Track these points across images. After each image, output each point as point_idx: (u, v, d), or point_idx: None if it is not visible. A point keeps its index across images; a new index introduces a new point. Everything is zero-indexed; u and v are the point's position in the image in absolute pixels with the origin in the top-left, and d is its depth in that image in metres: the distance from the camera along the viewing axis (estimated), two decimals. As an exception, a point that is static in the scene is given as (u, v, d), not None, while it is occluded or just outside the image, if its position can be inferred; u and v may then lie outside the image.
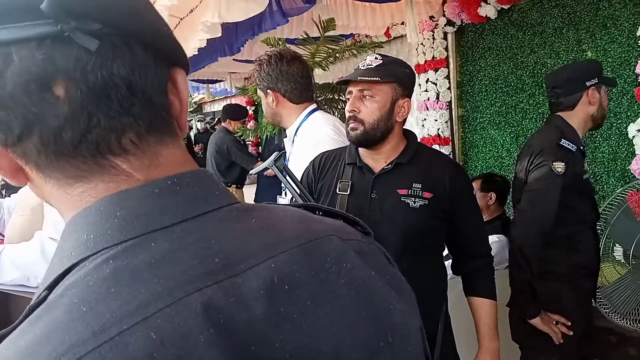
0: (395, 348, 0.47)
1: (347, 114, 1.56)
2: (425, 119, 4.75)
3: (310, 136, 2.01)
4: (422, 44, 4.59)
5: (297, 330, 0.41)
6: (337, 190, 1.59)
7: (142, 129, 0.44)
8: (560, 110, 2.00)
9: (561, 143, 1.90)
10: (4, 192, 3.42)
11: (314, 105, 2.13)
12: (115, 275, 0.38)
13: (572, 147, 1.90)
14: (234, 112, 5.15)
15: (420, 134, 4.77)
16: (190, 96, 10.64)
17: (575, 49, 3.49)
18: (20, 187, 1.87)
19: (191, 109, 15.52)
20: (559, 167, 1.86)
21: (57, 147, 0.41)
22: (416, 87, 4.57)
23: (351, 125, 1.54)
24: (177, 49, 0.48)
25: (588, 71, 1.98)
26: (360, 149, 1.61)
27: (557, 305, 1.96)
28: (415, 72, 4.30)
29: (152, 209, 0.42)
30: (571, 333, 1.91)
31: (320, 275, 0.45)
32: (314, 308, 0.43)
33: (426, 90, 4.67)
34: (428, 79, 4.63)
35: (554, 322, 1.92)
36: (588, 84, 1.95)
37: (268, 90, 2.02)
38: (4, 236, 1.71)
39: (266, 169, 1.52)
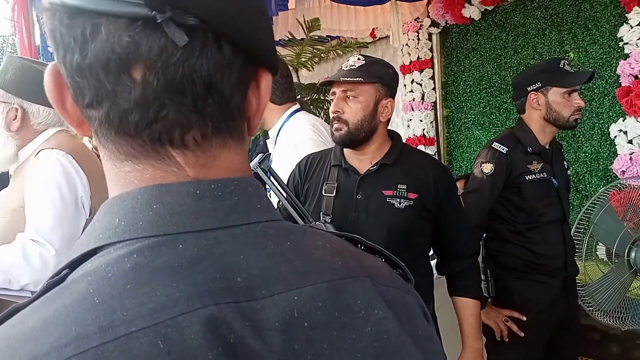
0: None
1: (331, 115, 1.56)
2: (410, 120, 4.76)
3: (292, 137, 2.01)
4: (407, 44, 4.61)
5: None
6: (323, 192, 1.59)
7: (209, 129, 0.43)
8: (520, 113, 2.10)
9: (492, 145, 2.02)
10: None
11: (297, 106, 2.13)
12: (136, 271, 0.37)
13: (503, 149, 1.99)
14: None
15: (405, 134, 4.78)
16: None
17: (557, 50, 3.53)
18: (1, 189, 1.84)
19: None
20: (486, 168, 1.98)
21: (119, 126, 0.41)
22: (401, 87, 4.59)
23: (335, 125, 1.54)
24: (270, 52, 0.47)
25: (532, 75, 2.04)
26: (345, 150, 1.61)
27: (509, 301, 2.02)
28: (399, 72, 4.35)
29: (188, 210, 0.40)
30: (522, 334, 1.95)
31: (345, 318, 0.41)
32: (330, 352, 0.40)
33: (411, 91, 4.68)
34: (413, 79, 4.64)
35: (504, 318, 1.97)
36: (529, 89, 2.01)
37: None
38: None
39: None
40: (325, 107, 3.63)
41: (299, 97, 3.20)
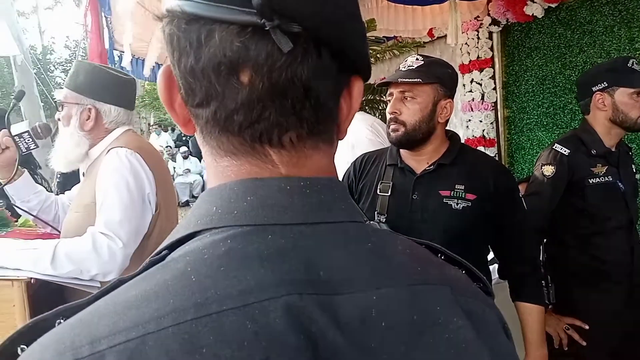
0: None
1: (388, 116, 1.55)
2: (469, 120, 4.66)
3: (348, 137, 2.01)
4: (466, 43, 4.51)
5: None
6: (378, 191, 1.59)
7: (305, 131, 0.45)
8: (585, 114, 2.02)
9: (554, 147, 1.96)
10: (57, 190, 3.57)
11: None
12: (229, 255, 0.40)
13: (565, 151, 1.92)
14: None
15: (464, 135, 4.69)
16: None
17: (627, 48, 3.35)
18: (74, 185, 1.96)
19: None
20: (547, 170, 1.93)
21: (224, 125, 0.44)
22: (460, 87, 4.50)
23: (392, 126, 1.53)
24: (363, 58, 0.49)
25: (597, 75, 1.95)
26: (401, 150, 1.60)
27: (570, 309, 1.95)
28: (458, 72, 4.26)
29: (279, 204, 0.43)
30: (584, 343, 1.87)
31: (424, 323, 0.42)
32: (406, 355, 0.41)
33: (470, 91, 4.58)
34: (472, 79, 4.54)
35: (565, 326, 1.90)
36: (594, 89, 1.93)
37: None
38: (59, 232, 1.79)
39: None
40: (380, 108, 3.62)
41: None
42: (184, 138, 14.30)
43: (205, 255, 0.41)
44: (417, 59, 1.53)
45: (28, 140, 1.76)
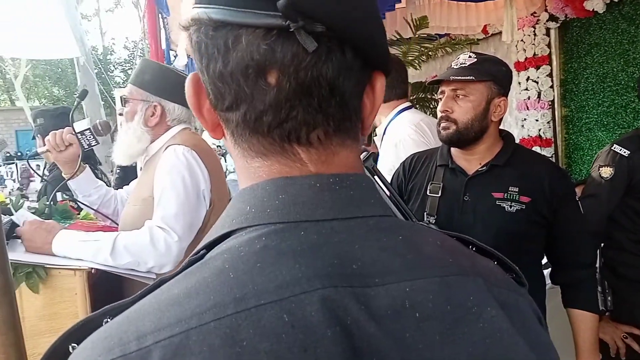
0: None
1: (440, 114, 1.53)
2: (525, 119, 4.52)
3: (393, 136, 2.01)
4: (522, 40, 4.38)
5: None
6: (428, 192, 1.57)
7: (331, 129, 0.47)
8: None
9: (613, 147, 1.87)
10: (116, 184, 3.73)
11: (406, 104, 2.12)
12: (264, 252, 0.42)
13: (625, 152, 1.83)
14: None
15: (519, 134, 4.55)
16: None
17: (698, 42, 3.16)
18: (133, 180, 2.04)
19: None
20: (605, 172, 1.85)
21: (254, 126, 0.46)
22: (515, 85, 4.37)
23: (443, 124, 1.51)
24: (384, 55, 0.50)
25: None
26: (452, 150, 1.58)
27: (628, 316, 1.87)
28: (513, 69, 4.14)
29: (310, 201, 0.45)
30: None
31: (457, 313, 0.43)
32: (441, 344, 0.41)
33: (526, 89, 4.44)
34: (528, 77, 4.40)
35: (623, 335, 1.80)
36: None
37: None
38: (118, 225, 1.87)
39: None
40: (432, 107, 3.57)
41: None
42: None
43: (242, 253, 0.42)
44: (469, 57, 1.51)
45: (90, 137, 1.85)
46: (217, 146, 13.28)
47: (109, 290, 1.71)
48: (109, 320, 0.43)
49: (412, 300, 0.42)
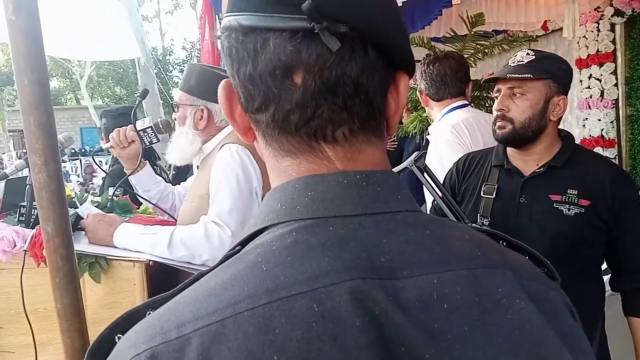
0: None
1: (495, 113, 1.50)
2: (586, 119, 4.34)
3: (435, 136, 2.00)
4: (584, 36, 4.20)
5: (449, 352, 0.41)
6: (482, 193, 1.54)
7: (356, 126, 0.48)
8: None
9: None
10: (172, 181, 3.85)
11: (456, 103, 2.10)
12: (295, 246, 0.44)
13: None
14: None
15: (580, 134, 4.37)
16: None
17: None
18: (189, 177, 2.11)
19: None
20: None
21: (282, 125, 0.48)
22: (577, 83, 4.20)
23: (498, 123, 1.48)
24: (407, 55, 0.51)
25: None
26: (508, 150, 1.54)
27: None
28: (574, 67, 3.98)
29: (338, 197, 0.46)
30: None
31: (485, 304, 0.44)
32: (470, 335, 0.42)
33: (588, 87, 4.26)
34: (591, 74, 4.22)
35: None
36: None
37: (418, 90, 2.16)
38: (175, 219, 1.94)
39: (406, 168, 1.52)
40: (487, 105, 3.48)
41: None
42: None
43: (274, 247, 0.44)
44: (527, 54, 1.47)
45: (151, 134, 1.93)
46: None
47: (165, 281, 1.78)
48: (151, 312, 0.45)
49: (440, 292, 0.43)
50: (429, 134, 2.23)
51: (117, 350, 0.44)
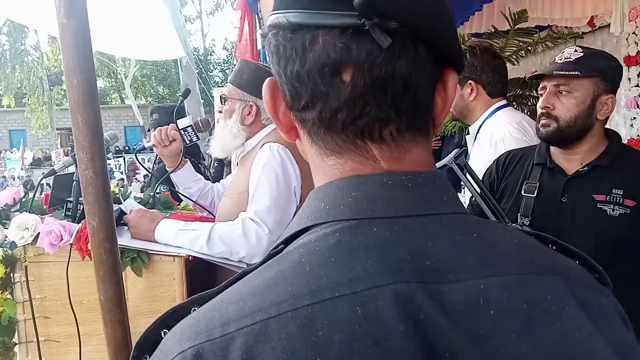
0: None
1: (539, 110, 1.46)
2: (634, 118, 4.18)
3: (492, 134, 1.93)
4: (634, 33, 4.04)
5: (496, 358, 0.41)
6: (523, 191, 1.50)
7: (403, 125, 0.47)
8: None
9: None
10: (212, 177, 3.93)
11: (503, 102, 2.04)
12: (338, 247, 0.43)
13: None
14: None
15: (627, 134, 4.21)
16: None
17: None
18: (228, 174, 2.14)
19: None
20: None
21: (329, 124, 0.47)
22: (625, 81, 4.05)
23: (543, 121, 1.44)
24: (457, 52, 0.51)
25: None
26: (551, 148, 1.50)
27: None
28: (623, 64, 3.83)
29: (382, 198, 0.46)
30: None
31: (533, 311, 0.43)
32: (517, 343, 0.41)
33: (637, 86, 4.10)
34: (640, 72, 4.06)
35: None
36: None
37: (470, 81, 1.97)
38: (214, 216, 1.98)
39: (445, 165, 1.50)
40: (530, 104, 3.39)
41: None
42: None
43: (317, 247, 0.44)
44: (575, 51, 1.42)
45: (191, 133, 1.97)
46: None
47: (203, 277, 1.81)
48: (196, 308, 0.46)
49: (487, 298, 0.42)
50: (468, 133, 2.17)
51: (163, 345, 0.44)
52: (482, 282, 0.42)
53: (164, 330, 0.46)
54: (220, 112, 1.88)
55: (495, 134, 1.92)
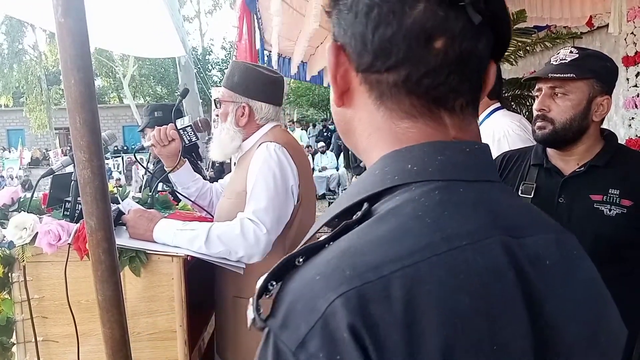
0: (604, 349, 0.53)
1: (535, 112, 1.46)
2: (632, 118, 4.18)
3: (495, 132, 1.94)
4: (632, 33, 4.04)
5: (555, 300, 0.48)
6: (520, 192, 1.50)
7: (469, 99, 0.52)
8: None
9: None
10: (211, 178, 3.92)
11: (497, 104, 2.05)
12: (443, 203, 0.47)
13: None
14: None
15: (625, 134, 4.22)
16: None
17: None
18: (227, 174, 2.14)
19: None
20: None
21: (412, 87, 0.50)
22: (623, 81, 4.06)
23: (538, 124, 1.44)
24: (506, 47, 0.56)
25: None
26: (548, 149, 1.50)
27: None
28: (621, 64, 3.83)
29: (461, 163, 0.50)
30: None
31: (568, 262, 0.52)
32: (561, 286, 0.49)
33: (635, 86, 4.10)
34: (638, 72, 4.06)
35: None
36: None
37: None
38: (212, 216, 1.98)
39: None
40: (527, 104, 3.40)
41: (499, 93, 3.05)
42: (325, 134, 14.78)
43: (426, 203, 0.47)
44: (570, 52, 1.42)
45: (190, 133, 1.97)
46: (307, 146, 13.57)
47: (202, 276, 1.81)
48: (301, 260, 0.46)
49: (543, 251, 0.50)
50: None
51: (303, 294, 0.43)
52: (538, 239, 0.50)
53: (272, 282, 0.45)
54: (217, 115, 1.88)
55: (497, 131, 1.93)
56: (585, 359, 0.50)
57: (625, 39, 4.13)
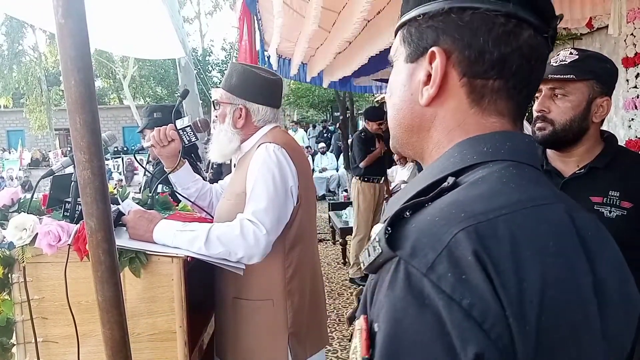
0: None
1: (535, 114, 1.46)
2: (632, 119, 4.18)
3: None
4: (632, 34, 4.04)
5: (598, 263, 0.57)
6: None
7: (528, 104, 0.68)
8: None
9: None
10: (210, 178, 3.92)
11: None
12: (520, 175, 0.59)
13: None
14: (372, 114, 5.90)
15: (625, 136, 4.21)
16: (374, 95, 10.97)
17: None
18: (227, 175, 2.14)
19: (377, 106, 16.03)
20: None
21: (513, 93, 0.65)
22: (623, 83, 4.06)
23: (538, 125, 1.44)
24: None
25: None
26: (548, 151, 1.50)
27: None
28: (621, 65, 3.83)
29: (523, 149, 0.63)
30: None
31: (602, 236, 0.61)
32: (605, 251, 0.60)
33: (635, 87, 4.10)
34: (638, 73, 4.06)
35: None
36: None
37: None
38: (212, 217, 1.98)
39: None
40: (528, 104, 3.40)
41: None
42: (325, 135, 14.79)
43: (507, 174, 0.58)
44: (570, 53, 1.43)
45: (190, 133, 1.97)
46: (307, 147, 13.54)
47: (201, 277, 1.81)
48: (408, 213, 0.56)
49: (587, 224, 0.59)
50: None
51: (427, 230, 0.52)
52: (583, 214, 0.60)
53: (388, 228, 0.54)
54: (216, 117, 1.89)
55: None
56: (617, 313, 0.58)
57: (625, 40, 4.13)
